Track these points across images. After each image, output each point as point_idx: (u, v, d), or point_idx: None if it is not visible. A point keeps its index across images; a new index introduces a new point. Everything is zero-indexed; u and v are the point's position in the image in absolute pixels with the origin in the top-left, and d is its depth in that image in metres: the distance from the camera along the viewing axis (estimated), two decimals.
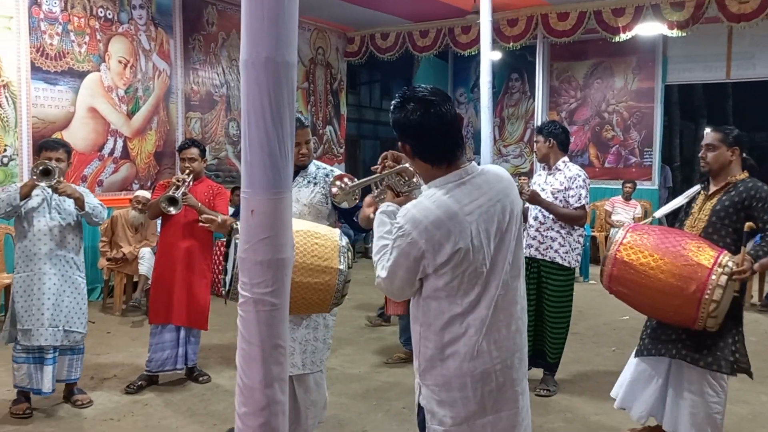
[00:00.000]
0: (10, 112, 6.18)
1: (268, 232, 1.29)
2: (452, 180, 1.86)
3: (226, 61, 8.67)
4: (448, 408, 1.87)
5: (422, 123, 1.87)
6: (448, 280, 1.83)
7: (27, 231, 3.76)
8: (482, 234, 1.84)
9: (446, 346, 1.86)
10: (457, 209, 1.82)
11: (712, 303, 2.77)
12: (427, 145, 1.88)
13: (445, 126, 1.87)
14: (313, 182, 3.08)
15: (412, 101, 1.89)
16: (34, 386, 3.77)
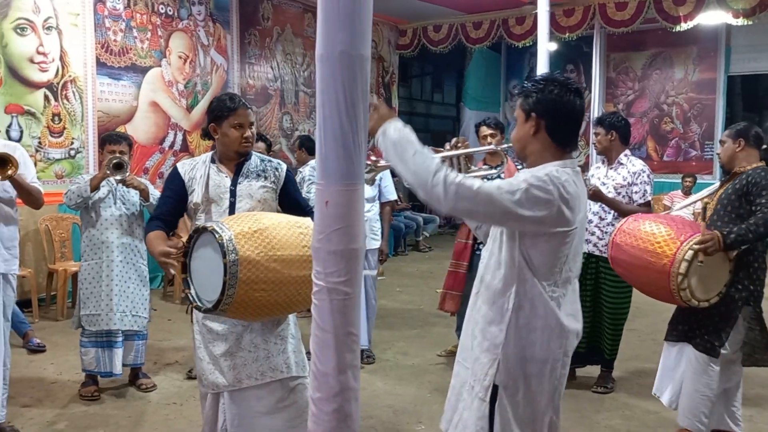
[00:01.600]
0: (77, 106, 6.43)
1: (342, 223, 1.32)
2: (569, 166, 2.03)
3: (281, 56, 8.79)
4: None
5: (569, 106, 2.02)
6: (546, 255, 1.96)
7: (94, 220, 3.92)
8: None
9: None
10: (581, 193, 2.01)
11: (678, 275, 3.01)
12: (563, 126, 2.04)
13: (582, 115, 2.08)
14: (263, 176, 2.69)
15: (565, 86, 2.03)
16: (102, 369, 3.93)
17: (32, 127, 6.07)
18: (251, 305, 2.25)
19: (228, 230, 2.22)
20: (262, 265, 2.21)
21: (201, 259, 2.33)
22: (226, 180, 2.62)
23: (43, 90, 6.14)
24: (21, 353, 4.77)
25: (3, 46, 5.83)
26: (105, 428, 3.54)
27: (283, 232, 2.31)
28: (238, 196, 2.60)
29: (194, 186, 2.62)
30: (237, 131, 2.60)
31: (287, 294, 2.27)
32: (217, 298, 2.21)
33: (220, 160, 2.67)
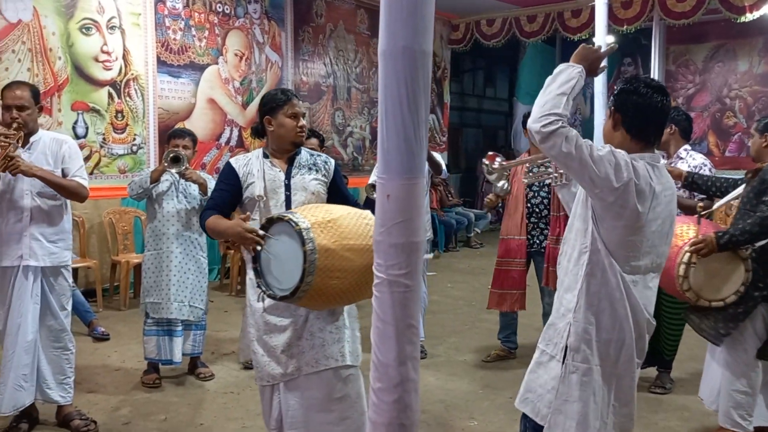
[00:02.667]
0: (139, 103, 6.64)
1: (403, 216, 1.33)
2: (646, 159, 2.16)
3: (333, 52, 8.87)
4: None
5: (645, 102, 2.17)
6: (614, 235, 2.12)
7: (157, 213, 4.06)
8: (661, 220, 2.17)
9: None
10: (659, 189, 2.15)
11: (679, 278, 3.09)
12: (639, 121, 2.19)
13: (663, 112, 2.22)
14: (314, 169, 2.72)
15: (643, 84, 2.19)
16: (163, 357, 4.07)
17: (97, 123, 6.31)
18: (326, 293, 2.31)
19: (304, 220, 2.29)
20: (337, 254, 2.28)
21: (274, 249, 2.37)
22: (280, 174, 2.66)
23: (107, 88, 6.37)
24: (86, 341, 4.98)
25: (69, 45, 6.07)
26: (166, 415, 3.66)
27: (351, 222, 2.36)
28: (293, 189, 2.64)
29: (252, 180, 2.64)
30: (292, 120, 2.65)
31: (356, 282, 2.32)
32: (296, 285, 2.25)
33: (272, 155, 2.70)
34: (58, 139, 3.46)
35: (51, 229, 3.35)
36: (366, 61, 9.41)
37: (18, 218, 3.26)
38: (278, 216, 2.37)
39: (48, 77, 5.92)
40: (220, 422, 3.58)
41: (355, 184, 7.75)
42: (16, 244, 3.25)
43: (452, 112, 11.76)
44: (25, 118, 3.23)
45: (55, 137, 3.48)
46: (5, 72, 5.61)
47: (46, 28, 5.89)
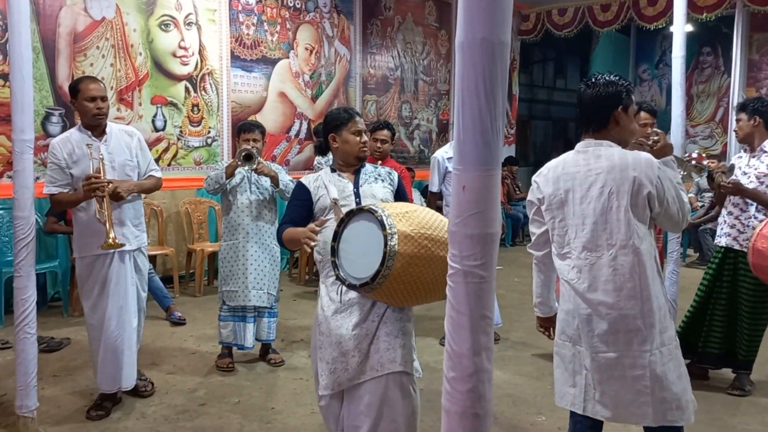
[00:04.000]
0: (213, 97, 6.86)
1: (479, 207, 1.34)
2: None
3: (401, 45, 8.89)
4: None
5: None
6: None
7: (232, 205, 4.19)
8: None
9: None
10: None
11: None
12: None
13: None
14: (380, 179, 2.81)
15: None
16: (237, 342, 4.22)
17: (174, 116, 6.56)
18: (405, 280, 2.33)
19: (383, 209, 2.37)
20: (416, 241, 2.31)
21: (353, 240, 2.43)
22: (349, 184, 2.75)
23: (184, 82, 6.61)
24: (164, 325, 5.21)
25: (149, 41, 6.33)
26: (239, 398, 3.80)
27: (427, 215, 2.42)
28: (362, 196, 2.71)
29: (323, 192, 2.72)
30: (356, 137, 2.76)
31: (435, 273, 2.33)
32: (376, 270, 2.29)
33: (339, 169, 2.80)
34: (126, 131, 3.64)
35: (134, 214, 3.59)
36: (434, 54, 9.38)
37: (103, 210, 3.40)
38: (358, 207, 2.47)
39: (129, 72, 6.19)
40: (291, 407, 3.68)
41: (421, 177, 7.76)
42: (110, 233, 3.36)
43: (521, 103, 11.58)
44: (106, 109, 3.45)
45: (122, 128, 3.64)
46: (90, 67, 5.91)
47: (128, 24, 6.15)
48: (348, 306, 2.59)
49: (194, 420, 3.49)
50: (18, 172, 3.22)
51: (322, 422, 3.46)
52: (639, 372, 2.28)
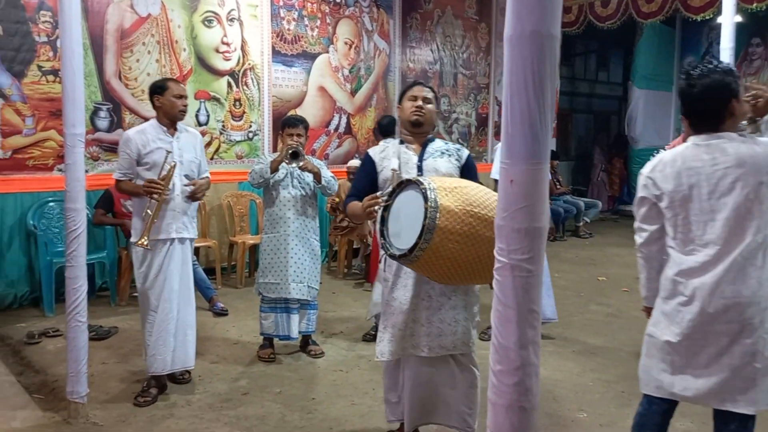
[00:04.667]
0: (255, 92, 6.94)
1: (526, 201, 1.34)
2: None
3: (440, 38, 8.85)
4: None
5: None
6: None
7: (274, 199, 4.25)
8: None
9: None
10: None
11: None
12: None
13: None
14: (447, 154, 2.87)
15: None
16: (280, 333, 4.29)
17: (217, 111, 6.66)
18: (444, 256, 2.32)
19: (431, 182, 2.39)
20: (459, 217, 2.31)
21: (401, 210, 2.48)
22: (414, 157, 2.85)
23: (226, 77, 6.70)
24: (207, 316, 5.31)
25: (193, 37, 6.43)
26: (281, 387, 3.85)
27: (479, 193, 2.41)
28: (425, 170, 2.80)
29: (386, 162, 2.86)
30: (410, 102, 2.87)
31: (478, 253, 2.32)
32: (414, 242, 2.31)
33: (407, 141, 2.91)
34: (191, 132, 3.90)
35: (193, 207, 3.84)
36: (473, 47, 9.32)
37: (171, 199, 3.70)
38: (407, 179, 2.51)
39: (174, 68, 6.31)
40: (331, 398, 3.72)
41: None
42: (173, 220, 3.69)
43: (562, 96, 11.41)
44: (187, 107, 3.81)
45: (187, 129, 3.89)
46: (136, 63, 6.04)
47: (173, 21, 6.27)
48: (405, 278, 2.75)
49: (237, 408, 3.56)
50: (69, 165, 3.32)
51: (363, 413, 3.51)
52: (749, 358, 2.25)
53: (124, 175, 3.69)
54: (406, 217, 2.41)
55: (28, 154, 5.44)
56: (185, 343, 3.75)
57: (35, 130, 5.46)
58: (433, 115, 2.88)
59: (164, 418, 3.42)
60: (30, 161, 5.45)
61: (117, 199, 5.52)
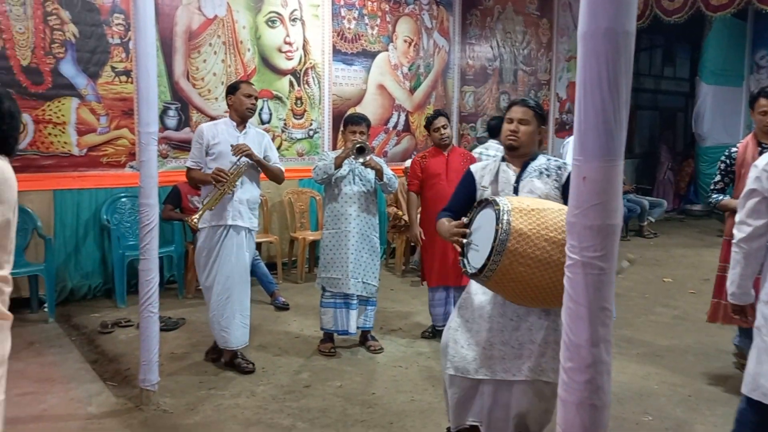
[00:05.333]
0: (316, 90, 7.05)
1: (599, 199, 1.33)
2: None
3: (501, 34, 8.77)
4: None
5: None
6: None
7: (337, 195, 4.32)
8: None
9: None
10: None
11: None
12: None
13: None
14: (545, 173, 2.75)
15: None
16: (339, 328, 4.35)
17: (279, 110, 6.80)
18: (514, 278, 2.30)
19: (507, 203, 2.37)
20: (532, 241, 2.26)
21: (478, 229, 2.50)
22: (512, 176, 2.76)
23: (288, 76, 6.83)
24: (269, 309, 5.44)
25: (257, 37, 6.58)
26: (341, 381, 3.92)
27: (559, 216, 2.32)
28: (520, 190, 2.71)
29: (486, 183, 2.80)
30: (506, 125, 2.79)
31: (551, 278, 2.26)
32: (483, 263, 2.33)
33: (509, 159, 2.82)
34: (259, 132, 4.24)
35: (251, 198, 4.09)
36: (534, 43, 9.19)
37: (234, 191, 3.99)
38: (485, 198, 2.52)
39: (239, 67, 6.47)
40: (391, 393, 3.76)
41: None
42: (230, 208, 3.98)
43: None
44: (255, 106, 4.12)
45: (257, 130, 4.25)
46: (203, 63, 6.23)
47: (238, 22, 6.43)
48: (483, 296, 2.67)
49: (300, 400, 3.64)
50: (144, 162, 3.47)
51: (423, 410, 3.53)
52: None
53: (196, 164, 4.05)
54: (481, 237, 2.43)
55: (102, 152, 5.69)
56: (232, 325, 3.99)
57: (109, 128, 5.71)
58: (530, 136, 2.75)
59: (230, 408, 3.53)
60: (104, 158, 5.69)
61: (184, 195, 5.71)
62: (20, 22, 5.22)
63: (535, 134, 2.77)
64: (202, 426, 3.32)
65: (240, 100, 4.02)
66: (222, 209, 3.97)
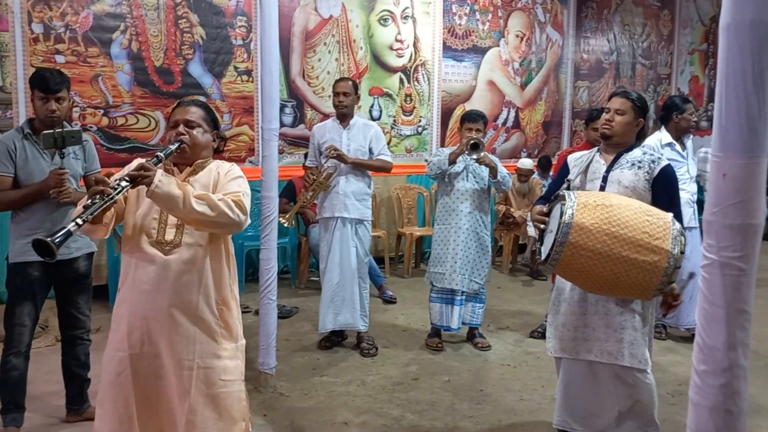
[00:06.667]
0: (425, 87, 7.10)
1: (741, 197, 1.28)
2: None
3: (618, 27, 8.44)
4: None
5: None
6: None
7: (450, 191, 4.34)
8: None
9: None
10: None
11: None
12: None
13: None
14: (637, 166, 2.74)
15: None
16: (444, 323, 4.39)
17: (389, 107, 6.91)
18: (576, 269, 2.49)
19: (574, 198, 2.53)
20: (593, 235, 2.42)
21: (552, 221, 2.67)
22: (602, 167, 2.82)
23: (398, 74, 6.93)
24: (377, 302, 5.55)
25: (369, 36, 6.72)
26: (449, 376, 3.95)
27: (628, 213, 2.45)
28: (609, 181, 2.76)
29: (574, 169, 2.92)
30: (604, 114, 2.84)
31: (614, 271, 2.42)
32: (547, 253, 2.54)
33: (603, 150, 2.87)
34: (368, 124, 4.43)
35: (357, 189, 4.28)
36: (654, 35, 8.77)
37: (336, 182, 4.25)
38: (559, 193, 2.66)
39: (351, 66, 6.64)
40: (499, 391, 3.74)
41: None
42: (336, 201, 4.24)
43: None
44: (347, 102, 4.28)
45: (365, 122, 4.45)
46: (318, 62, 6.44)
47: (352, 21, 6.59)
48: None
49: (408, 393, 3.70)
50: (266, 157, 3.65)
51: (532, 409, 3.50)
52: None
53: (312, 162, 4.40)
54: (551, 228, 2.64)
55: (225, 148, 6.02)
56: (342, 308, 4.26)
57: (231, 125, 6.04)
58: (625, 126, 2.74)
59: (342, 395, 3.65)
60: (226, 154, 6.03)
61: (299, 190, 5.94)
62: (154, 26, 5.63)
63: (632, 125, 2.79)
64: (316, 410, 3.46)
65: (333, 99, 4.33)
66: (330, 202, 4.26)
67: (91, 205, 1.87)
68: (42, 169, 2.95)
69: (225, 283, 2.26)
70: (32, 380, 3.22)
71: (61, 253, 3.01)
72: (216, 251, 2.23)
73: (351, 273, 4.26)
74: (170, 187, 1.97)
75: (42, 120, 2.95)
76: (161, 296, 2.12)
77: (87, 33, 5.37)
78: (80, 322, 3.18)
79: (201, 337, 2.18)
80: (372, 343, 4.36)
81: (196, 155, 2.28)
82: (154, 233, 2.13)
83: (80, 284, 3.15)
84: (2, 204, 2.91)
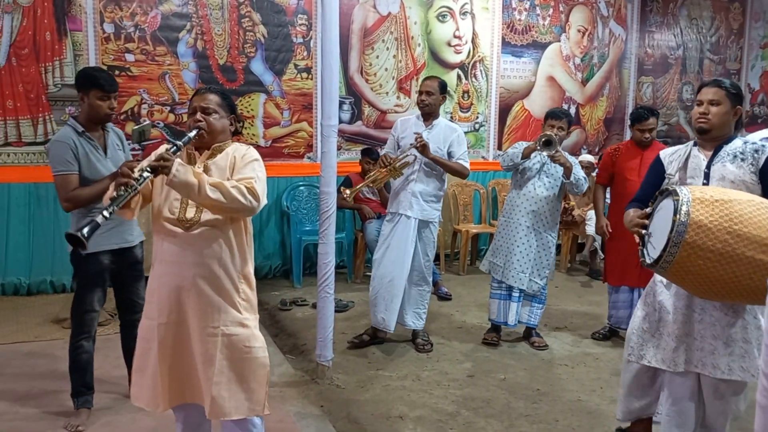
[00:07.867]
0: (483, 83, 7.05)
1: None
2: None
3: (685, 21, 8.17)
4: None
5: None
6: None
7: (520, 186, 4.30)
8: None
9: None
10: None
11: None
12: None
13: None
14: (740, 158, 2.57)
15: None
16: (500, 319, 4.37)
17: (446, 103, 6.88)
18: (691, 272, 2.23)
19: (688, 193, 2.28)
20: (713, 234, 2.17)
21: (659, 219, 2.43)
22: (702, 162, 2.64)
23: (456, 70, 6.90)
24: (432, 299, 5.47)
25: (427, 32, 6.71)
26: (505, 374, 3.92)
27: (750, 208, 2.20)
28: (711, 177, 2.58)
29: (674, 170, 2.71)
30: (696, 107, 2.68)
31: (735, 274, 2.16)
32: (659, 254, 2.28)
33: (700, 144, 2.70)
34: (451, 127, 4.38)
35: (424, 190, 4.24)
36: (724, 29, 8.44)
37: (406, 181, 4.25)
38: (666, 188, 2.46)
39: (409, 62, 6.65)
40: (556, 391, 3.70)
41: None
42: (403, 198, 4.24)
43: None
44: (429, 101, 4.25)
45: (449, 125, 4.41)
46: (376, 59, 6.48)
47: (410, 18, 6.60)
48: (675, 287, 2.58)
49: (463, 389, 3.70)
50: (325, 153, 3.71)
51: (590, 410, 3.45)
52: None
53: (388, 150, 4.40)
54: (661, 228, 2.36)
55: (284, 143, 6.14)
56: (389, 309, 4.20)
57: (290, 122, 6.15)
58: (721, 117, 2.58)
59: (397, 389, 3.68)
60: (285, 149, 6.15)
61: (356, 185, 6.00)
62: (218, 25, 5.78)
63: (729, 115, 2.61)
64: (372, 403, 3.50)
65: (417, 97, 4.35)
66: (399, 198, 4.26)
67: (117, 197, 2.05)
68: (100, 162, 3.10)
69: (246, 259, 2.37)
70: (101, 366, 3.37)
71: (127, 240, 3.20)
72: (237, 229, 2.34)
73: (401, 272, 4.18)
74: (187, 176, 2.12)
75: (101, 117, 3.11)
76: (186, 268, 2.26)
77: (155, 32, 5.57)
78: (138, 306, 3.30)
79: (225, 306, 2.29)
80: (427, 339, 4.37)
81: (214, 139, 2.39)
82: (177, 212, 2.28)
83: (137, 270, 3.31)
84: (83, 200, 3.05)
